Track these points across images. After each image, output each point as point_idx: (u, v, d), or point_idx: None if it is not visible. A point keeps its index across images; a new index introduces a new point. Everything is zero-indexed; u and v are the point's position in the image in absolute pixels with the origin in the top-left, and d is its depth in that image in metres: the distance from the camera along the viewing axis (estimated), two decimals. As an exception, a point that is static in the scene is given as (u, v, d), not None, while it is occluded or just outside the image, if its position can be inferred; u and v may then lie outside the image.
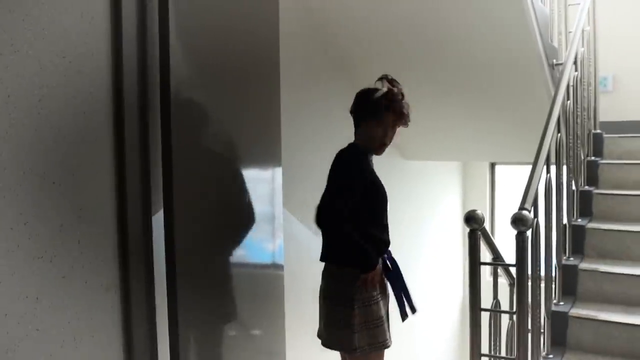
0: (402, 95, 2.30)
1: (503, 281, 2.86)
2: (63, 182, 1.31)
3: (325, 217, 2.18)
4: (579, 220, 3.43)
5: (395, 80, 2.32)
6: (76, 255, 1.34)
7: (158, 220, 1.53)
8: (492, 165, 6.97)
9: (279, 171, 2.07)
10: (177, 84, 1.55)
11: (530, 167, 2.63)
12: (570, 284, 3.07)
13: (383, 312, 2.28)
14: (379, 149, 2.32)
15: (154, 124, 1.52)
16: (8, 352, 1.20)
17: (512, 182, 6.65)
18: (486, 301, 2.45)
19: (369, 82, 2.31)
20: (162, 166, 1.53)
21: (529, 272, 2.31)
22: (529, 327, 2.33)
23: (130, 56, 1.46)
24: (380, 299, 2.26)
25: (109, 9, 1.41)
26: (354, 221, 2.18)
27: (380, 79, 2.30)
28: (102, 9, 1.40)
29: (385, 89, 2.28)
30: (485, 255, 2.50)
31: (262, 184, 2.05)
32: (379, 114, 2.25)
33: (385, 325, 2.28)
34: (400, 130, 2.34)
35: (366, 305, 2.21)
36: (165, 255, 1.54)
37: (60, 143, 1.31)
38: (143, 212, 1.50)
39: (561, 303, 2.96)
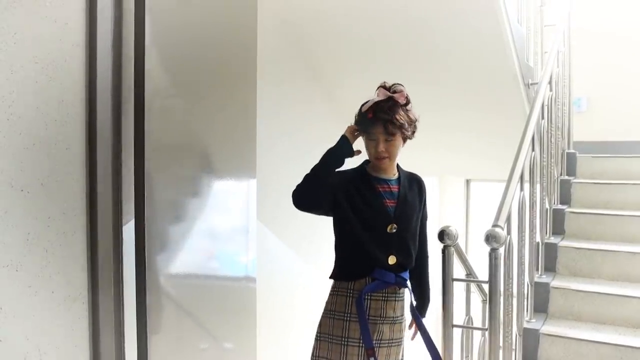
0: (407, 100, 2.16)
1: (476, 297, 2.87)
2: (32, 190, 1.28)
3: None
4: (552, 238, 3.47)
5: (397, 85, 2.17)
6: (43, 264, 1.31)
7: (129, 230, 1.51)
8: (468, 182, 7.02)
9: (253, 183, 2.06)
10: (152, 93, 1.53)
11: (504, 184, 2.65)
12: (542, 301, 3.10)
13: (338, 332, 2.12)
14: (377, 162, 2.17)
15: (127, 132, 1.50)
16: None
17: (487, 198, 6.71)
18: (459, 317, 2.45)
19: (345, 93, 2.31)
20: (134, 176, 1.50)
21: (502, 289, 2.33)
22: (501, 343, 2.34)
23: (105, 63, 1.44)
24: (344, 318, 2.12)
25: (84, 15, 1.40)
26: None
27: (378, 88, 2.17)
28: (77, 14, 1.38)
29: (375, 99, 2.13)
30: (459, 271, 2.51)
31: (236, 195, 2.04)
32: (364, 127, 2.14)
33: (330, 344, 2.15)
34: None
35: (324, 316, 2.19)
36: (135, 266, 1.52)
37: (30, 150, 1.28)
38: (114, 222, 1.48)
39: (533, 320, 2.99)
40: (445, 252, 2.36)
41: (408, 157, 2.34)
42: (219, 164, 1.92)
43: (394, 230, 2.15)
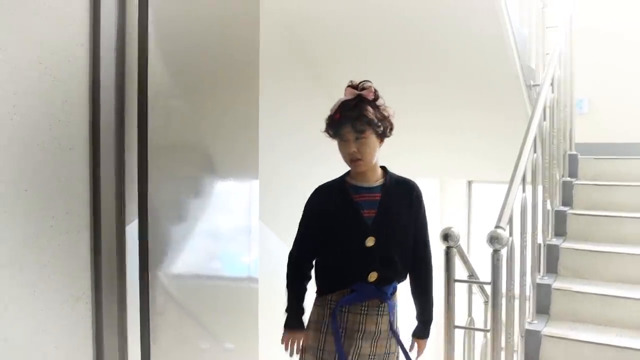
0: (376, 96, 2.03)
1: (477, 299, 2.87)
2: (35, 190, 1.29)
3: None
4: (554, 239, 3.46)
5: (365, 82, 2.05)
6: (46, 264, 1.31)
7: (132, 230, 1.51)
8: (469, 183, 7.02)
9: (255, 183, 2.06)
10: (155, 94, 1.53)
11: (506, 185, 2.65)
12: (543, 302, 3.10)
13: (315, 343, 2.09)
14: (351, 167, 2.04)
15: (130, 132, 1.50)
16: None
17: (488, 200, 6.70)
18: (460, 318, 2.45)
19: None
20: (138, 176, 1.51)
21: (504, 290, 2.32)
22: (503, 345, 2.34)
23: (108, 64, 1.44)
24: (321, 329, 2.07)
25: (88, 15, 1.40)
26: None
27: (346, 87, 2.05)
28: (81, 14, 1.38)
29: (342, 99, 2.02)
30: (460, 272, 2.51)
31: (238, 195, 2.04)
32: (334, 129, 2.02)
33: (308, 355, 2.12)
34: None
35: (307, 327, 2.15)
36: (138, 266, 1.52)
37: (34, 150, 1.28)
38: (117, 222, 1.48)
39: (535, 322, 2.98)
40: (447, 253, 2.36)
41: (408, 158, 2.33)
42: (221, 164, 1.92)
43: (373, 244, 2.00)
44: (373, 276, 2.00)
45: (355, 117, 1.96)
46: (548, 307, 3.11)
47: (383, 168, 2.10)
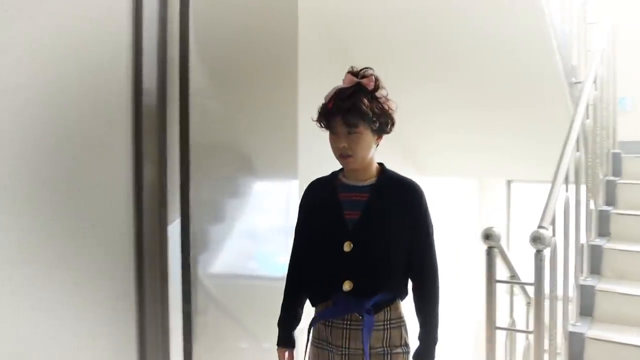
0: (377, 86, 1.73)
1: (518, 300, 2.83)
2: (81, 190, 1.31)
3: None
4: (597, 240, 3.39)
5: (367, 69, 1.76)
6: (90, 262, 1.33)
7: (174, 230, 1.52)
8: (509, 183, 6.93)
9: (295, 183, 2.07)
10: (196, 94, 1.55)
11: (546, 185, 2.61)
12: (587, 304, 3.04)
13: (302, 356, 1.84)
14: (341, 163, 1.77)
15: (172, 133, 1.51)
16: (22, 358, 1.19)
17: (527, 199, 6.61)
18: (501, 320, 2.42)
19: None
20: (180, 175, 1.52)
21: (546, 291, 2.28)
22: (546, 347, 2.29)
23: (150, 67, 1.46)
24: (307, 341, 1.82)
25: (131, 17, 1.42)
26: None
27: (346, 73, 1.77)
28: (123, 17, 1.40)
29: (338, 86, 1.74)
30: (501, 273, 2.48)
31: (276, 195, 2.04)
32: (325, 119, 1.73)
33: None
34: (415, 145, 2.14)
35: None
36: (180, 265, 1.53)
37: (80, 150, 1.31)
38: (160, 222, 1.50)
39: (578, 324, 2.93)
40: (489, 253, 2.33)
41: (447, 158, 2.30)
42: (260, 164, 1.93)
43: (350, 250, 1.71)
44: (348, 285, 1.71)
45: (347, 108, 1.68)
46: (592, 309, 3.05)
47: (381, 165, 1.82)
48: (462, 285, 6.19)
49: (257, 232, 1.94)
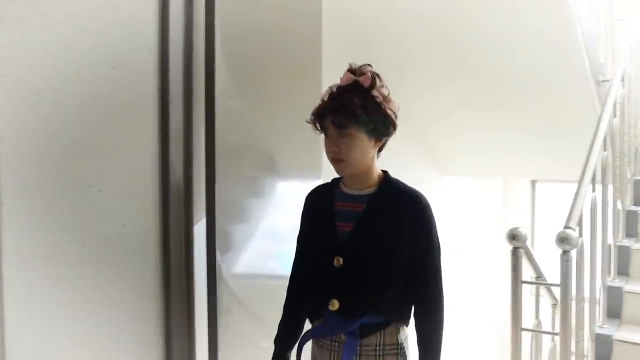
0: (373, 82, 1.53)
1: (544, 301, 2.80)
2: (109, 191, 1.33)
3: None
4: (625, 240, 3.34)
5: (365, 66, 1.58)
6: (120, 262, 1.35)
7: (200, 229, 1.54)
8: (533, 183, 6.86)
9: (318, 183, 2.06)
10: (221, 95, 1.56)
11: (572, 185, 2.58)
12: (614, 306, 2.99)
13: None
14: (334, 167, 1.57)
15: (198, 133, 1.53)
16: (51, 354, 1.21)
17: (552, 199, 6.54)
18: (527, 321, 2.39)
19: (405, 92, 2.12)
20: (205, 175, 1.53)
21: (573, 292, 2.26)
22: (573, 349, 2.27)
23: (177, 68, 1.48)
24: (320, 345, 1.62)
25: (157, 20, 1.43)
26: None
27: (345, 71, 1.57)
28: (150, 19, 1.42)
29: (335, 85, 1.56)
30: (527, 273, 2.45)
31: (301, 195, 2.04)
32: (318, 119, 1.54)
33: None
34: (439, 145, 2.00)
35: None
36: (206, 263, 1.54)
37: (107, 152, 1.32)
38: (185, 221, 1.51)
39: (605, 326, 2.88)
40: (514, 254, 2.30)
41: (472, 159, 2.27)
42: (284, 164, 1.93)
43: (340, 265, 1.53)
44: (334, 305, 1.54)
45: (336, 107, 1.50)
46: (619, 311, 3.00)
47: (384, 173, 1.62)
48: (486, 285, 6.14)
49: (280, 232, 1.95)
